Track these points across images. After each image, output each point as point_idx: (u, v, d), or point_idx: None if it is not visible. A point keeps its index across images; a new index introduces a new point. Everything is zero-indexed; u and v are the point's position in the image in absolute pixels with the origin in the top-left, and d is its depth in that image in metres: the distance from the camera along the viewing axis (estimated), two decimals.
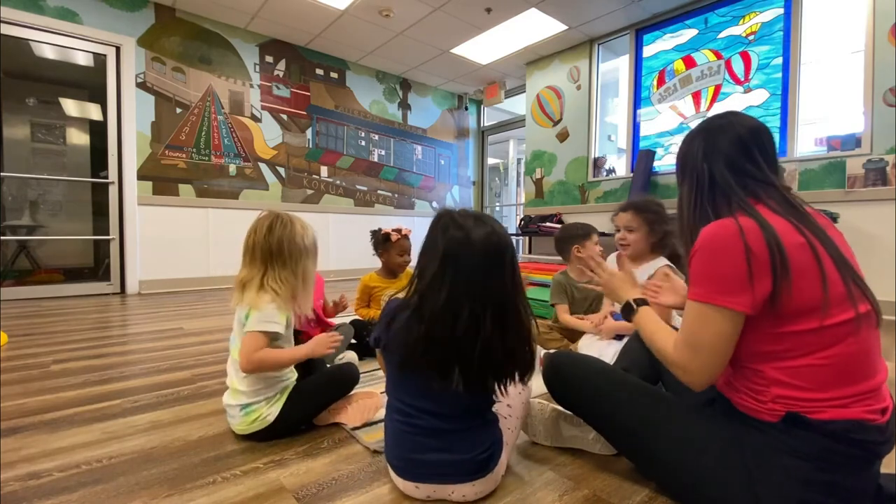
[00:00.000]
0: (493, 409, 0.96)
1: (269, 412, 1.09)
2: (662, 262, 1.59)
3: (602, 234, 2.11)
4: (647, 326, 0.91)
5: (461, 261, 0.82)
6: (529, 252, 5.09)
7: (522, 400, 1.02)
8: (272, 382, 1.12)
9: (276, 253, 1.13)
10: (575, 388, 1.01)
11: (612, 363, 1.29)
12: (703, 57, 3.73)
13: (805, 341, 0.72)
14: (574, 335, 1.83)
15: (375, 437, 1.11)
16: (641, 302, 0.96)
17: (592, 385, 0.97)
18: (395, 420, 0.90)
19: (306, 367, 1.29)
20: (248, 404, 1.09)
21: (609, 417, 0.95)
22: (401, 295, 0.90)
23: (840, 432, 0.69)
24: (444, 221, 0.85)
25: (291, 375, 1.18)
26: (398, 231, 2.01)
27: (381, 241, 2.03)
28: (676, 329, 0.86)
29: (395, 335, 0.85)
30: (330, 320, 1.78)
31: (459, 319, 0.80)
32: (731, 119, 0.86)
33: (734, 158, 0.83)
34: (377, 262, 2.10)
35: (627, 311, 0.97)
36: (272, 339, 1.10)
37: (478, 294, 0.81)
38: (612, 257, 1.73)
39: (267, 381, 1.11)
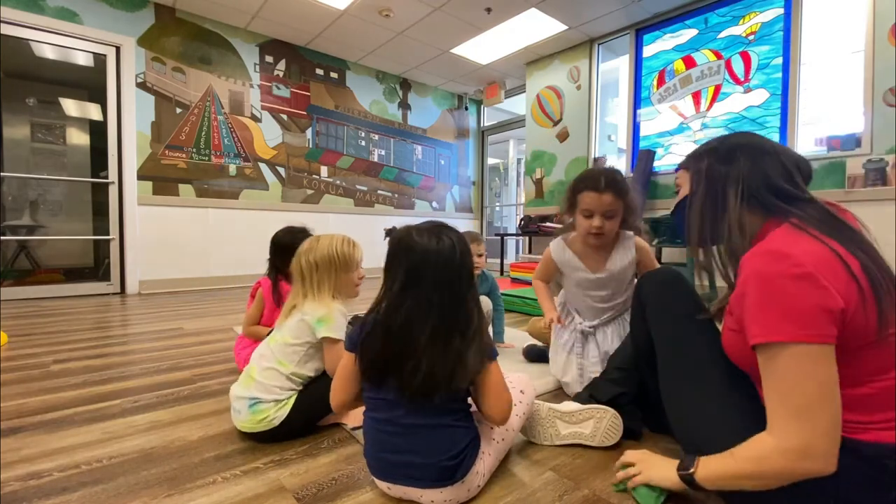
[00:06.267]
0: (478, 418, 0.93)
1: (277, 416, 1.09)
2: (630, 236, 1.41)
3: None
4: (722, 467, 0.72)
5: (422, 280, 0.84)
6: (529, 252, 5.10)
7: (517, 413, 1.00)
8: (289, 385, 1.13)
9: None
10: (665, 309, 0.98)
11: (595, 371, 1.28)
12: (703, 57, 3.73)
13: (867, 363, 0.66)
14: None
15: None
16: (690, 463, 0.78)
17: (684, 314, 0.94)
18: (368, 417, 0.91)
19: None
20: (258, 401, 1.09)
21: (679, 352, 0.92)
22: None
23: (874, 457, 0.65)
24: (405, 242, 0.87)
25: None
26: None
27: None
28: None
29: (363, 346, 0.88)
30: None
31: (418, 336, 0.83)
32: (774, 146, 0.81)
33: (776, 181, 0.77)
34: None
35: (691, 482, 0.77)
36: None
37: (438, 309, 0.83)
38: (558, 242, 1.49)
39: (290, 381, 1.12)
